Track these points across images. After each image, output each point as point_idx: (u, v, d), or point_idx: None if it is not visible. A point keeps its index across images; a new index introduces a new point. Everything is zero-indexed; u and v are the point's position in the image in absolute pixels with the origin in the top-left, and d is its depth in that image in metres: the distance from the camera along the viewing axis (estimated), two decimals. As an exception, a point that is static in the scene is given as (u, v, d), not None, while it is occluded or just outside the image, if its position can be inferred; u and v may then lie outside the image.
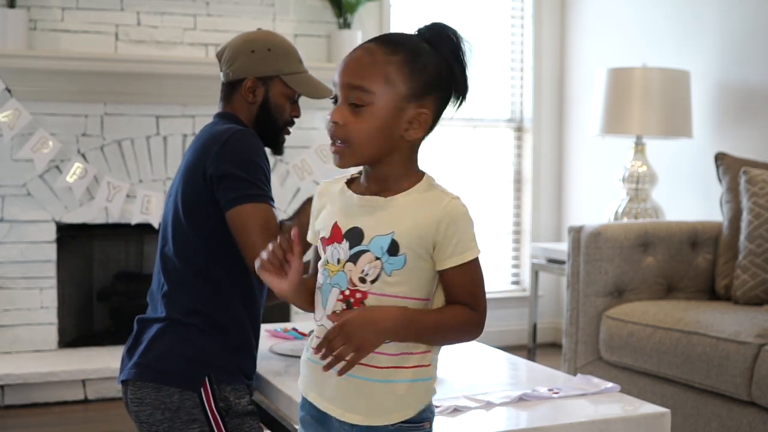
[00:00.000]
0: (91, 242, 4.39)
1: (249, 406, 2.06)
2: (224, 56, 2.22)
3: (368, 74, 1.35)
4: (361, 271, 1.37)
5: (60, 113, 4.04)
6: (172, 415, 1.98)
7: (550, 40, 5.12)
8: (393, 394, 1.40)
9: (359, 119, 1.35)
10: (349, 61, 1.37)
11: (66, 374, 3.82)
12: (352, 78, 1.35)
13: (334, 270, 1.39)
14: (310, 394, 1.45)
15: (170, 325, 2.04)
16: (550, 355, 4.66)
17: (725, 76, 4.04)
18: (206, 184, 2.03)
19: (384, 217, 1.38)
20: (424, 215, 1.37)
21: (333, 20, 4.45)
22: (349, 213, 1.41)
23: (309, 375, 1.45)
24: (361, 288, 1.37)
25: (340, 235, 1.39)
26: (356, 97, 1.35)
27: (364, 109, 1.35)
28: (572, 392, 1.90)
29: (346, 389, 1.39)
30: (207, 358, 2.01)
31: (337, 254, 1.39)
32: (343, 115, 1.35)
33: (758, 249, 3.10)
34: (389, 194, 1.40)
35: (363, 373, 1.38)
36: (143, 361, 2.02)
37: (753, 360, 2.64)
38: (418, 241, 1.36)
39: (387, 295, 1.37)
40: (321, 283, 1.41)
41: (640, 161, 4.06)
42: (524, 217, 5.18)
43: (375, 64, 1.36)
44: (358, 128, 1.35)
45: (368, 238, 1.37)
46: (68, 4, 4.05)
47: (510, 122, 5.18)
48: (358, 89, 1.35)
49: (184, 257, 2.07)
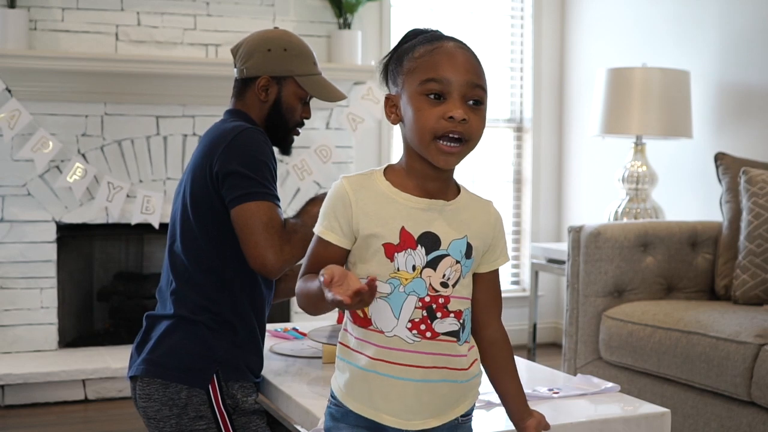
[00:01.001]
0: (91, 242, 4.39)
1: (256, 405, 2.07)
2: (239, 52, 2.22)
3: (482, 74, 1.39)
4: (443, 276, 1.37)
5: (60, 113, 4.04)
6: (180, 412, 1.99)
7: (550, 40, 5.12)
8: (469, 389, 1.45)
9: (478, 117, 1.37)
10: (465, 60, 1.37)
11: (66, 374, 3.82)
12: (475, 77, 1.36)
13: (408, 277, 1.36)
14: (368, 411, 1.39)
15: (179, 322, 2.04)
16: (550, 355, 4.66)
17: (725, 76, 4.04)
18: (213, 182, 2.04)
19: (454, 221, 1.39)
20: (484, 218, 1.44)
21: (333, 20, 4.45)
22: (414, 216, 1.37)
23: (367, 388, 1.39)
24: (443, 293, 1.37)
25: (413, 241, 1.36)
26: (478, 95, 1.36)
27: (481, 108, 1.38)
28: (572, 392, 1.90)
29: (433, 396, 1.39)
30: (215, 355, 2.02)
31: (412, 261, 1.36)
32: (467, 112, 1.35)
33: (758, 249, 3.10)
34: (446, 197, 1.41)
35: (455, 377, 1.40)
36: (152, 358, 2.03)
37: (753, 360, 2.64)
38: (482, 245, 1.43)
39: (463, 298, 1.41)
40: (388, 291, 1.36)
41: (640, 161, 4.06)
42: (524, 217, 5.18)
43: (481, 66, 1.40)
44: (478, 126, 1.37)
45: (446, 242, 1.37)
46: (68, 4, 4.05)
47: (510, 122, 5.18)
48: (479, 88, 1.37)
49: (192, 255, 2.07)
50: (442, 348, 1.38)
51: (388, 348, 1.37)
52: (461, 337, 1.40)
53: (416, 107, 1.36)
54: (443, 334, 1.38)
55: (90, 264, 4.44)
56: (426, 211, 1.38)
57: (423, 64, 1.36)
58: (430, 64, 1.36)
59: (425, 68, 1.36)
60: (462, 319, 1.40)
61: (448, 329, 1.38)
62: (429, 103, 1.35)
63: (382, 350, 1.37)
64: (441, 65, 1.35)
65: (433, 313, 1.37)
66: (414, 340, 1.36)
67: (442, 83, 1.34)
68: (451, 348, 1.39)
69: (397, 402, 1.38)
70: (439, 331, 1.37)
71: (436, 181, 1.40)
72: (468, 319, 1.43)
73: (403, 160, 1.43)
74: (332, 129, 4.46)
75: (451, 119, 1.33)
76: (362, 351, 1.39)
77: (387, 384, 1.37)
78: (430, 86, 1.35)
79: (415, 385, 1.37)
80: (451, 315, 1.38)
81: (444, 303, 1.37)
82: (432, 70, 1.35)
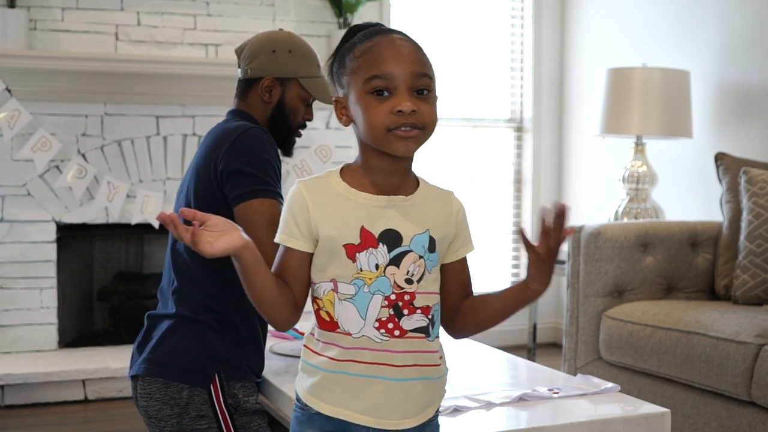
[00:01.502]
0: (91, 242, 4.39)
1: (257, 405, 2.07)
2: (244, 53, 2.23)
3: (426, 62, 1.39)
4: (407, 272, 1.36)
5: (60, 113, 4.04)
6: (181, 411, 1.99)
7: (550, 40, 5.12)
8: (439, 387, 1.44)
9: (427, 104, 1.36)
10: (406, 51, 1.37)
11: (66, 374, 3.82)
12: (418, 66, 1.36)
13: (372, 276, 1.35)
14: (340, 411, 1.38)
15: (180, 321, 2.04)
16: (550, 355, 4.66)
17: (725, 76, 4.04)
18: (217, 181, 2.04)
19: (415, 216, 1.39)
20: (446, 210, 1.43)
21: (333, 20, 4.45)
22: (374, 215, 1.37)
23: (337, 389, 1.37)
24: (408, 289, 1.37)
25: (373, 240, 1.36)
26: (425, 84, 1.36)
27: (429, 95, 1.37)
28: (572, 392, 1.90)
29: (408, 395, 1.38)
30: (217, 355, 2.01)
31: (375, 259, 1.35)
32: (414, 102, 1.34)
33: (758, 249, 3.10)
34: (405, 192, 1.41)
35: (427, 374, 1.39)
36: (153, 357, 2.03)
37: (753, 360, 2.64)
38: (446, 238, 1.42)
39: (429, 293, 1.40)
40: (353, 293, 1.36)
41: (640, 161, 4.06)
42: (524, 217, 5.18)
43: (423, 53, 1.40)
44: (430, 113, 1.37)
45: (407, 238, 1.37)
46: (68, 4, 4.05)
47: (510, 122, 5.18)
48: (424, 76, 1.36)
49: (194, 253, 2.07)
50: (413, 345, 1.37)
51: (356, 348, 1.36)
52: (431, 332, 1.39)
53: (364, 106, 1.35)
54: (412, 330, 1.37)
55: (90, 264, 4.44)
56: (385, 208, 1.38)
57: (365, 62, 1.36)
58: (372, 60, 1.35)
59: (367, 66, 1.35)
60: (431, 314, 1.39)
61: (417, 326, 1.37)
62: (376, 101, 1.34)
63: (351, 351, 1.36)
64: (382, 60, 1.35)
65: (400, 310, 1.36)
66: (382, 339, 1.35)
67: (385, 79, 1.34)
68: (421, 344, 1.38)
69: (370, 401, 1.36)
70: (407, 329, 1.37)
71: (393, 176, 1.40)
72: (437, 315, 1.42)
73: (359, 159, 1.42)
74: (332, 129, 4.46)
75: (400, 113, 1.33)
76: (330, 354, 1.37)
77: (358, 384, 1.36)
78: (375, 83, 1.34)
79: (386, 383, 1.36)
80: (418, 311, 1.37)
81: (410, 300, 1.37)
82: (374, 67, 1.35)
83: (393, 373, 1.36)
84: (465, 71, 4.99)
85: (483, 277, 5.07)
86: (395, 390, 1.37)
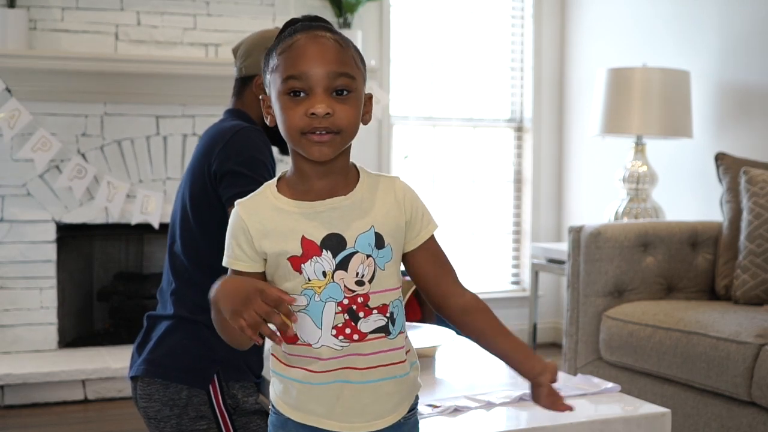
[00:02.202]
0: (91, 242, 4.39)
1: (256, 405, 2.07)
2: (239, 51, 2.24)
3: (347, 61, 1.32)
4: (356, 274, 1.32)
5: (60, 113, 4.04)
6: (181, 412, 1.99)
7: (550, 40, 5.12)
8: (410, 383, 1.40)
9: (347, 106, 1.31)
10: (322, 50, 1.31)
11: (66, 374, 3.82)
12: (336, 66, 1.30)
13: (321, 284, 1.31)
14: (308, 417, 1.36)
15: (179, 322, 2.05)
16: (550, 355, 4.66)
17: (725, 76, 4.04)
18: (211, 182, 2.04)
19: (356, 214, 1.33)
20: (388, 201, 1.36)
21: (333, 20, 4.45)
22: (313, 222, 1.32)
23: (304, 398, 1.35)
24: (360, 291, 1.32)
25: (316, 248, 1.31)
26: (344, 84, 1.30)
27: (350, 96, 1.32)
28: (572, 392, 1.90)
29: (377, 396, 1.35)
30: (216, 356, 2.01)
31: (321, 267, 1.31)
32: (330, 104, 1.29)
33: (758, 249, 3.10)
34: (343, 191, 1.35)
35: (394, 372, 1.36)
36: (152, 358, 2.03)
37: (753, 360, 2.64)
38: (395, 228, 1.36)
39: (386, 290, 1.35)
40: (305, 303, 1.32)
41: (640, 161, 4.06)
42: (524, 217, 5.18)
43: (346, 50, 1.33)
44: (348, 115, 1.31)
45: (351, 239, 1.32)
46: (68, 4, 4.05)
47: (510, 122, 5.17)
48: (344, 76, 1.31)
49: (191, 254, 2.08)
50: (375, 346, 1.33)
51: (318, 359, 1.33)
52: (392, 330, 1.35)
53: (282, 106, 1.31)
54: (371, 332, 1.33)
55: (90, 264, 4.44)
56: (323, 213, 1.33)
57: (283, 62, 1.31)
58: (289, 60, 1.30)
59: (285, 65, 1.31)
60: (388, 312, 1.35)
61: (375, 326, 1.33)
62: (292, 102, 1.30)
63: (313, 360, 1.33)
64: (299, 60, 1.30)
65: (355, 314, 1.32)
66: (343, 346, 1.32)
67: (301, 79, 1.29)
68: (383, 344, 1.34)
69: (337, 406, 1.34)
70: (366, 331, 1.33)
71: (327, 178, 1.35)
72: (398, 309, 1.37)
73: (292, 164, 1.38)
74: (332, 129, 4.46)
75: (313, 116, 1.28)
76: (293, 364, 1.35)
77: (323, 391, 1.33)
78: (291, 84, 1.30)
79: (353, 387, 1.33)
80: (374, 311, 1.33)
81: (364, 301, 1.32)
82: (291, 67, 1.30)
83: (359, 377, 1.33)
84: (465, 71, 4.99)
85: (483, 277, 5.08)
86: (363, 393, 1.34)
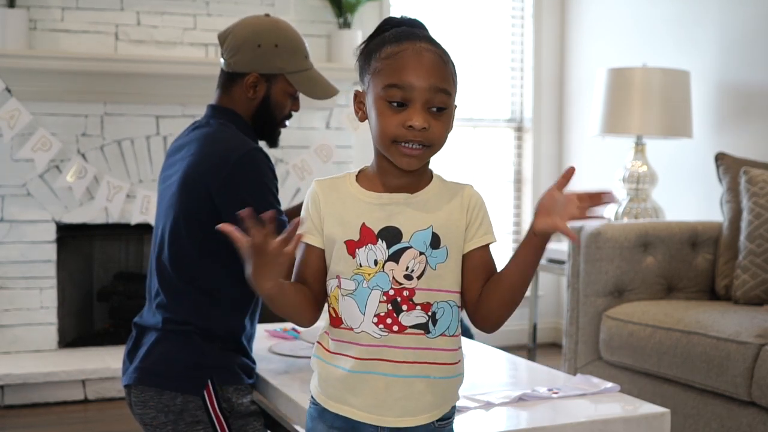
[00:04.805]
0: (91, 242, 4.39)
1: (252, 406, 2.06)
2: (227, 43, 2.14)
3: (446, 77, 1.37)
4: (406, 268, 1.36)
5: (60, 113, 4.04)
6: (176, 418, 1.98)
7: (550, 40, 5.12)
8: (447, 389, 1.43)
9: (440, 122, 1.36)
10: (428, 64, 1.35)
11: (66, 374, 3.82)
12: (438, 81, 1.35)
13: (371, 272, 1.36)
14: (342, 408, 1.40)
15: (168, 330, 2.03)
16: (550, 355, 4.66)
17: (725, 76, 4.04)
18: (213, 204, 1.99)
19: (418, 212, 1.39)
20: (452, 205, 1.41)
21: (333, 20, 4.45)
22: (376, 212, 1.38)
23: (340, 386, 1.39)
24: (407, 285, 1.36)
25: (373, 236, 1.37)
26: (441, 100, 1.36)
27: (444, 113, 1.37)
28: (572, 392, 1.90)
29: (408, 393, 1.37)
30: (208, 362, 2.00)
31: (374, 255, 1.36)
32: (427, 119, 1.34)
33: (758, 249, 3.10)
34: (413, 190, 1.40)
35: (430, 372, 1.38)
36: (144, 366, 2.02)
37: (753, 360, 2.64)
38: (455, 231, 1.40)
39: (434, 290, 1.38)
40: (352, 289, 1.37)
41: (640, 161, 4.06)
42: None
43: (447, 66, 1.38)
44: (440, 132, 1.37)
45: (407, 234, 1.37)
46: (68, 4, 4.05)
47: (510, 122, 5.18)
48: (443, 92, 1.36)
49: (180, 267, 2.04)
50: (412, 341, 1.37)
51: (357, 344, 1.37)
52: (431, 329, 1.38)
53: (379, 111, 1.36)
54: (411, 327, 1.36)
55: (90, 264, 4.44)
56: (387, 205, 1.39)
57: (387, 67, 1.35)
58: (394, 67, 1.35)
59: (389, 72, 1.35)
60: (431, 311, 1.37)
61: (415, 322, 1.36)
62: (390, 110, 1.35)
63: (353, 346, 1.37)
64: (404, 70, 1.34)
65: (399, 306, 1.36)
66: (381, 335, 1.36)
67: (404, 89, 1.34)
68: (420, 341, 1.37)
69: (369, 397, 1.37)
70: (406, 324, 1.36)
71: (404, 177, 1.40)
72: (443, 312, 1.38)
73: (373, 159, 1.44)
74: (332, 129, 4.46)
75: (410, 128, 1.33)
76: (338, 351, 1.39)
77: (358, 380, 1.37)
78: (392, 93, 1.34)
79: (385, 379, 1.37)
80: (417, 307, 1.36)
81: (409, 296, 1.36)
82: (395, 75, 1.34)
83: (392, 369, 1.36)
84: (465, 71, 4.99)
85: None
86: (395, 387, 1.37)
